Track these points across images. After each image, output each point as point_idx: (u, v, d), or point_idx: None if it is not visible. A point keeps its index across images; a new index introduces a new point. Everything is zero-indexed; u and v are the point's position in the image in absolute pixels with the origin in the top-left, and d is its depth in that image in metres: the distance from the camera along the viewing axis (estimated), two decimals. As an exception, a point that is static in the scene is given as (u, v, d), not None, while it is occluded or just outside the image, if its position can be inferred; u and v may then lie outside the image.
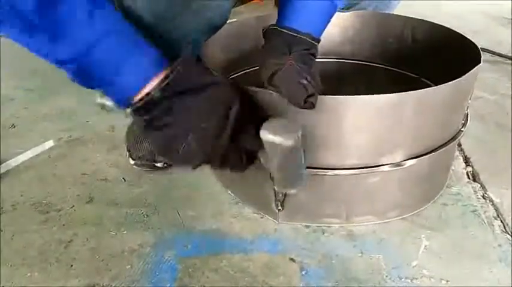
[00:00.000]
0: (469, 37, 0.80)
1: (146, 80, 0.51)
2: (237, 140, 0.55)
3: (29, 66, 1.40)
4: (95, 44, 0.48)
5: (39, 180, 0.87)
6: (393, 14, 1.00)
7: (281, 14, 0.68)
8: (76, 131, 1.04)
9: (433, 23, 0.90)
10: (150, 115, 0.52)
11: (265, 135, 0.54)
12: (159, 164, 0.88)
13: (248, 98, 0.60)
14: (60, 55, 0.48)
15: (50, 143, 0.98)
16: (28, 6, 0.44)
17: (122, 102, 0.52)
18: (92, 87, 0.53)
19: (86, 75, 0.50)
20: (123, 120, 0.56)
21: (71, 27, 0.47)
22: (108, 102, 0.53)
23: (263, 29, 0.69)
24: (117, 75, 0.50)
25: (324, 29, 0.69)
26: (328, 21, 0.70)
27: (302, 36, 0.64)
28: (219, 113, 0.52)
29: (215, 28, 0.66)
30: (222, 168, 0.57)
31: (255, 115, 0.58)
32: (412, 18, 0.94)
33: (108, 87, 0.52)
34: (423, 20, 0.92)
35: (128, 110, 0.52)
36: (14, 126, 1.07)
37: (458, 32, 0.83)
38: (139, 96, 0.51)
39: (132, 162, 0.89)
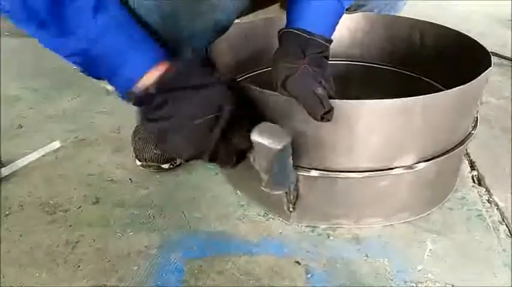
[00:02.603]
0: (477, 40, 0.80)
1: (144, 74, 0.54)
2: (228, 138, 0.57)
3: (35, 67, 1.41)
4: (98, 38, 0.52)
5: (46, 181, 0.88)
6: (401, 16, 1.01)
7: (292, 15, 0.68)
8: (82, 132, 1.05)
9: (442, 25, 0.90)
10: (147, 107, 0.55)
11: (255, 137, 0.57)
12: (165, 166, 0.89)
13: (245, 99, 0.62)
14: (68, 49, 0.53)
15: (56, 144, 0.98)
16: (39, 4, 0.49)
17: (124, 93, 0.56)
18: (100, 78, 0.57)
19: (93, 67, 0.55)
20: (129, 121, 0.58)
21: (77, 22, 0.51)
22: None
23: (278, 32, 0.69)
24: (118, 68, 0.54)
25: (334, 30, 0.70)
26: (337, 22, 0.70)
27: (316, 38, 0.64)
28: (210, 112, 0.55)
29: (222, 29, 0.67)
30: (211, 163, 0.60)
31: (249, 116, 0.60)
32: (420, 20, 0.94)
33: (111, 78, 0.56)
34: (431, 23, 0.92)
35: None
36: (21, 127, 1.08)
37: (467, 35, 0.83)
38: (137, 89, 0.54)
39: (138, 163, 0.90)
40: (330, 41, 0.67)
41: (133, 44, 0.55)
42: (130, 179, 0.88)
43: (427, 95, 0.62)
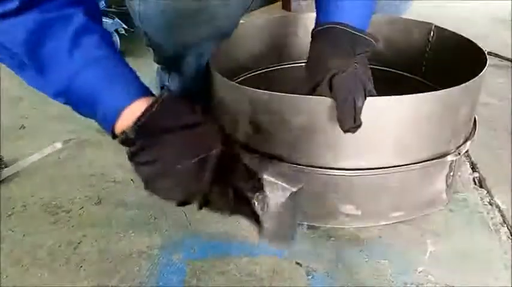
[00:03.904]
0: (475, 41, 0.80)
1: (120, 113, 0.49)
2: (224, 182, 0.51)
3: (39, 67, 1.41)
4: (75, 75, 0.49)
5: (48, 181, 0.88)
6: (398, 17, 1.01)
7: (334, 9, 0.65)
8: (84, 132, 1.05)
9: (441, 27, 0.90)
10: (131, 150, 0.50)
11: (268, 176, 0.52)
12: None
13: (232, 140, 0.56)
14: (49, 89, 0.50)
15: (58, 145, 0.99)
16: (16, 47, 0.47)
17: (108, 133, 0.52)
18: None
19: (77, 106, 0.52)
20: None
21: (54, 63, 0.49)
22: None
23: (315, 28, 0.65)
24: (96, 106, 0.50)
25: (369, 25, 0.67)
26: (371, 16, 0.68)
27: (366, 37, 0.62)
28: (195, 154, 0.49)
29: (224, 36, 0.67)
30: (206, 209, 0.53)
31: (241, 161, 0.54)
32: (417, 21, 0.94)
33: (94, 117, 0.52)
34: (428, 23, 0.92)
35: None
36: (24, 127, 1.08)
37: (464, 36, 0.84)
38: (117, 131, 0.50)
39: (140, 164, 0.90)
40: (377, 40, 0.64)
41: (109, 80, 0.50)
42: (132, 179, 0.88)
43: (431, 93, 0.64)
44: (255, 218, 0.54)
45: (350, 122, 0.58)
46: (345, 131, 0.59)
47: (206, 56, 0.73)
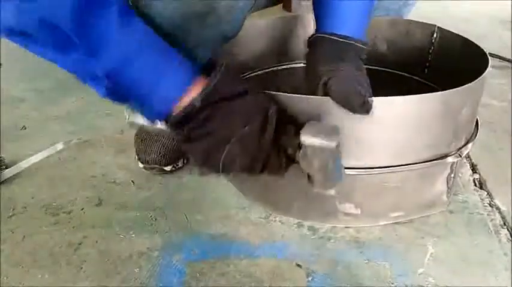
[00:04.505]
0: (476, 42, 0.80)
1: (185, 91, 0.51)
2: (278, 142, 0.55)
3: (40, 68, 1.41)
4: (132, 57, 0.47)
5: (49, 182, 0.89)
6: (399, 18, 1.00)
7: (324, 19, 0.68)
8: (86, 133, 1.05)
9: (441, 27, 0.90)
10: (190, 126, 0.51)
11: (308, 138, 0.54)
12: (167, 168, 0.90)
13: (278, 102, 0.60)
14: (96, 71, 0.47)
15: (59, 146, 0.99)
16: (65, 22, 0.43)
17: (160, 116, 0.52)
18: (125, 103, 0.52)
19: (122, 90, 0.49)
20: (132, 123, 0.56)
21: (108, 41, 0.46)
22: (139, 120, 0.53)
23: (309, 38, 0.68)
24: (155, 88, 0.50)
25: (366, 31, 0.69)
26: (369, 22, 0.70)
27: (354, 43, 0.64)
28: (259, 114, 0.53)
29: (228, 39, 0.67)
30: (262, 173, 0.56)
31: (290, 117, 0.58)
32: (418, 22, 0.94)
33: (144, 101, 0.51)
34: (430, 24, 0.92)
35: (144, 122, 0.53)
36: (25, 128, 1.09)
37: (466, 38, 0.84)
38: (179, 108, 0.51)
39: (141, 165, 0.90)
40: (367, 44, 0.66)
41: (170, 61, 0.51)
42: (132, 181, 0.89)
43: (433, 94, 0.64)
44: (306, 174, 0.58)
45: (359, 99, 0.58)
46: (360, 112, 0.59)
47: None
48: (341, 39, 0.64)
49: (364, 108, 0.59)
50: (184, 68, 0.52)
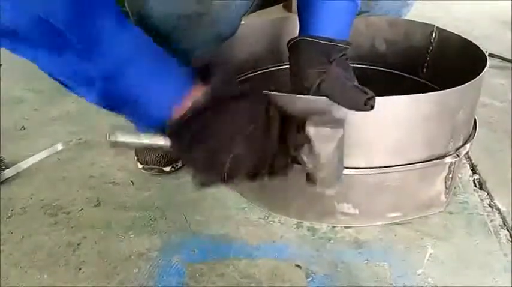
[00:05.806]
0: (477, 42, 0.80)
1: (185, 94, 0.49)
2: (284, 140, 0.54)
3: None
4: (130, 60, 0.45)
5: (48, 183, 0.89)
6: (398, 18, 1.00)
7: (306, 20, 0.68)
8: (85, 134, 1.05)
9: (443, 29, 0.90)
10: (190, 130, 0.49)
11: (314, 128, 0.54)
12: (166, 168, 0.90)
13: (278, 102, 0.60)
14: (90, 73, 0.45)
15: (59, 146, 0.99)
16: (61, 20, 0.41)
17: (157, 122, 0.49)
18: (116, 110, 0.50)
19: (116, 95, 0.47)
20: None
21: (105, 41, 0.44)
22: (122, 139, 0.50)
23: (289, 42, 0.68)
24: (153, 93, 0.48)
25: (350, 29, 0.69)
26: (353, 20, 0.70)
27: (338, 44, 0.65)
28: (261, 114, 0.52)
29: (224, 39, 0.67)
30: (269, 175, 0.55)
31: (291, 116, 0.57)
32: (416, 22, 0.94)
33: (140, 107, 0.48)
34: (428, 24, 0.92)
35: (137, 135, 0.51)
36: (24, 128, 1.09)
37: (465, 38, 0.84)
38: (180, 112, 0.49)
39: (140, 166, 0.90)
40: (349, 44, 0.67)
41: (168, 65, 0.50)
42: (132, 181, 0.89)
43: (431, 94, 0.64)
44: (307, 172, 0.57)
45: (361, 96, 0.58)
46: (364, 109, 0.58)
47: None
48: (325, 42, 0.65)
49: (369, 104, 0.58)
50: (183, 72, 0.51)
